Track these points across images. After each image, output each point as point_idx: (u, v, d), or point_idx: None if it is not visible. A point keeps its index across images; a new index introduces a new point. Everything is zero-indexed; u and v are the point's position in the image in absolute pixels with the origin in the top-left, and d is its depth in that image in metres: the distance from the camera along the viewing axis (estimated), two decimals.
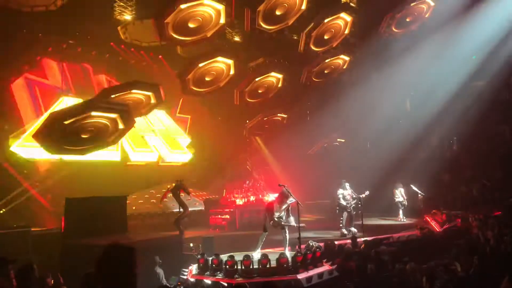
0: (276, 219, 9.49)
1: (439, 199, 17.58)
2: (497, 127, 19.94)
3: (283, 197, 9.75)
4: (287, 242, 9.53)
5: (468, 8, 15.80)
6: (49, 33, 14.55)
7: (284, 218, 9.61)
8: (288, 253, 8.99)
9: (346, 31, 14.55)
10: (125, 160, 17.84)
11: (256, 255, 9.06)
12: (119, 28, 13.67)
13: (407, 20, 14.77)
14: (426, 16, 14.96)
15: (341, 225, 13.49)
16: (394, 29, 14.77)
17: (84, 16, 13.71)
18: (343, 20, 14.12)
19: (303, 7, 12.32)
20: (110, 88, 12.11)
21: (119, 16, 12.88)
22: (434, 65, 18.71)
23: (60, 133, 11.27)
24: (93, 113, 11.49)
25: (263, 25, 12.14)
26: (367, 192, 13.56)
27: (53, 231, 12.26)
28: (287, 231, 9.60)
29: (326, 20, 13.62)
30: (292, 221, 9.74)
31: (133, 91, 12.60)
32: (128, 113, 12.06)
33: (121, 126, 12.40)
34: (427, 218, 15.29)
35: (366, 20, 14.62)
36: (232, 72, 14.61)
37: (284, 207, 9.65)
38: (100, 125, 12.05)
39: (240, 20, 12.19)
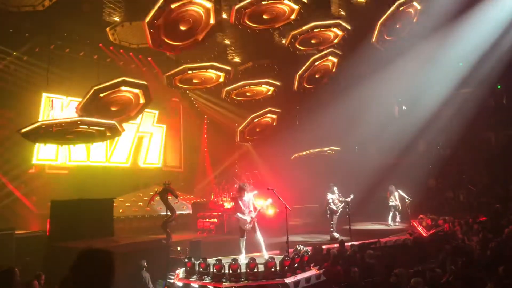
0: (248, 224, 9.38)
1: (426, 204, 17.74)
2: (483, 134, 20.24)
3: (237, 199, 9.59)
4: (263, 244, 9.42)
5: (455, 16, 16.00)
6: (36, 34, 14.40)
7: (253, 213, 9.40)
8: (267, 255, 9.05)
9: (335, 41, 14.59)
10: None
11: (243, 259, 9.03)
12: (107, 29, 13.57)
13: (397, 26, 14.87)
14: (414, 20, 15.10)
15: (331, 229, 13.53)
16: (386, 37, 14.85)
17: (72, 17, 13.59)
18: (333, 33, 14.15)
19: (292, 17, 12.33)
20: (99, 87, 11.96)
21: (108, 17, 12.78)
22: (422, 72, 18.94)
23: (45, 134, 11.17)
24: (81, 126, 11.44)
25: (248, 23, 12.11)
26: (352, 196, 13.62)
27: (38, 234, 12.10)
28: (258, 233, 9.47)
29: (315, 30, 13.66)
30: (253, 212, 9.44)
31: (122, 88, 12.50)
32: (116, 128, 12.05)
33: (108, 134, 12.36)
34: (414, 223, 15.40)
35: (355, 27, 14.67)
36: (221, 80, 14.68)
37: (246, 203, 9.41)
38: (87, 133, 11.98)
39: (230, 23, 12.12)
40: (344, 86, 18.89)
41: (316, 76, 16.14)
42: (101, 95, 11.98)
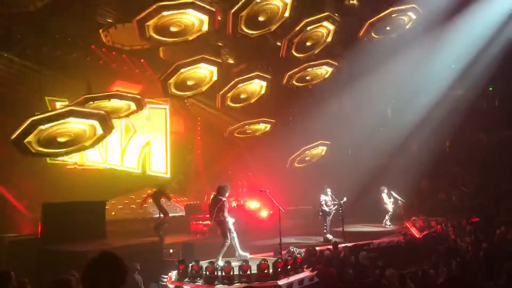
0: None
1: (419, 206, 17.81)
2: (475, 135, 20.35)
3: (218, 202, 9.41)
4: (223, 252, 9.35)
5: (447, 18, 16.11)
6: (28, 35, 14.28)
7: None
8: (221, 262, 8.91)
9: (329, 39, 14.69)
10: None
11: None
12: (100, 31, 13.50)
13: (387, 28, 15.00)
14: (407, 27, 15.22)
15: (325, 230, 13.57)
16: (373, 35, 15.02)
17: (65, 18, 13.49)
18: (325, 29, 14.25)
19: (286, 14, 12.37)
20: (91, 96, 11.93)
21: (100, 19, 12.72)
22: (414, 74, 19.01)
23: (35, 136, 11.01)
24: (72, 119, 11.29)
25: (245, 30, 12.12)
26: (345, 198, 13.66)
27: (29, 237, 11.99)
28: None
29: (308, 28, 13.72)
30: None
31: (113, 100, 12.48)
32: (107, 120, 11.91)
33: (99, 131, 12.22)
34: (407, 224, 15.45)
35: (347, 28, 14.76)
36: (215, 78, 14.62)
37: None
38: (78, 131, 11.84)
39: (224, 24, 12.13)
40: (336, 87, 18.94)
41: (307, 78, 16.22)
42: (91, 103, 11.95)
